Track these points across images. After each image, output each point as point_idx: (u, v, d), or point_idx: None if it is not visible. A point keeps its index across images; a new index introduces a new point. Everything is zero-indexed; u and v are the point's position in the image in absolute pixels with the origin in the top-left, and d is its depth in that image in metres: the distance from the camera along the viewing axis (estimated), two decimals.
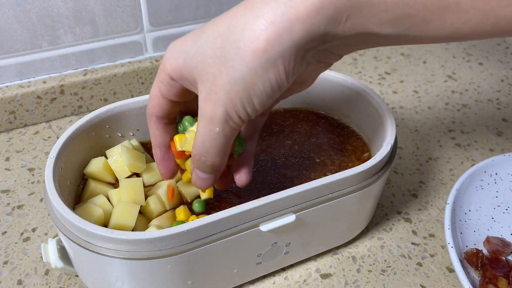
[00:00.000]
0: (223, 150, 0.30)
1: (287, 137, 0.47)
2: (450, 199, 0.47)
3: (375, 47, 0.27)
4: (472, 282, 0.40)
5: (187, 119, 0.34)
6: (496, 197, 0.50)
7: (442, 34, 0.26)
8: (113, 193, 0.39)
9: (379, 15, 0.26)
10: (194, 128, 0.33)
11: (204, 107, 0.28)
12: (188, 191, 0.40)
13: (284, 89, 0.28)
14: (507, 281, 0.40)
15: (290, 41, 0.26)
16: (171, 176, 0.36)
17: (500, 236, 0.46)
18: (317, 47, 0.28)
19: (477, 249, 0.43)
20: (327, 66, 0.32)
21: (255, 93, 0.27)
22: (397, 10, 0.25)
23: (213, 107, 0.28)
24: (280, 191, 0.35)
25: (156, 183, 0.41)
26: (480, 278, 0.41)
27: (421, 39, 0.27)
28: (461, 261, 0.42)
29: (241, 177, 0.36)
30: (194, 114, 0.34)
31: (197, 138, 0.30)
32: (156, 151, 0.34)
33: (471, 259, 0.43)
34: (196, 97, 0.30)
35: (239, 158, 0.36)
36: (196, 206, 0.38)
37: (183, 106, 0.35)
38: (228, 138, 0.30)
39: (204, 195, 0.36)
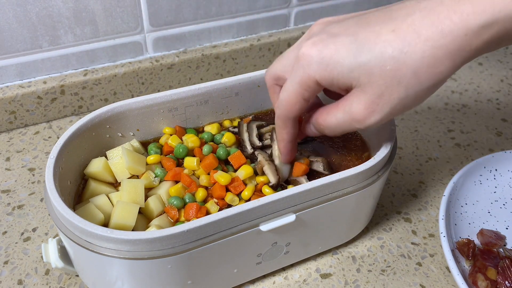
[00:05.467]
0: None
1: None
2: (447, 191, 0.47)
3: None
4: (462, 271, 0.40)
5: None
6: (495, 192, 0.50)
7: None
8: (113, 194, 0.39)
9: None
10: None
11: (359, 111, 0.32)
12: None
13: None
14: (496, 271, 0.40)
15: (463, 62, 0.29)
16: (293, 159, 0.41)
17: (495, 230, 0.46)
18: None
19: (468, 239, 0.43)
20: None
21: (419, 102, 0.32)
22: None
23: (369, 114, 0.31)
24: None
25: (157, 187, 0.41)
26: (470, 267, 0.42)
27: None
28: (452, 250, 0.42)
29: None
30: None
31: (332, 124, 0.34)
32: (288, 145, 0.39)
33: (462, 248, 0.43)
34: None
35: None
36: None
37: None
38: None
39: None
